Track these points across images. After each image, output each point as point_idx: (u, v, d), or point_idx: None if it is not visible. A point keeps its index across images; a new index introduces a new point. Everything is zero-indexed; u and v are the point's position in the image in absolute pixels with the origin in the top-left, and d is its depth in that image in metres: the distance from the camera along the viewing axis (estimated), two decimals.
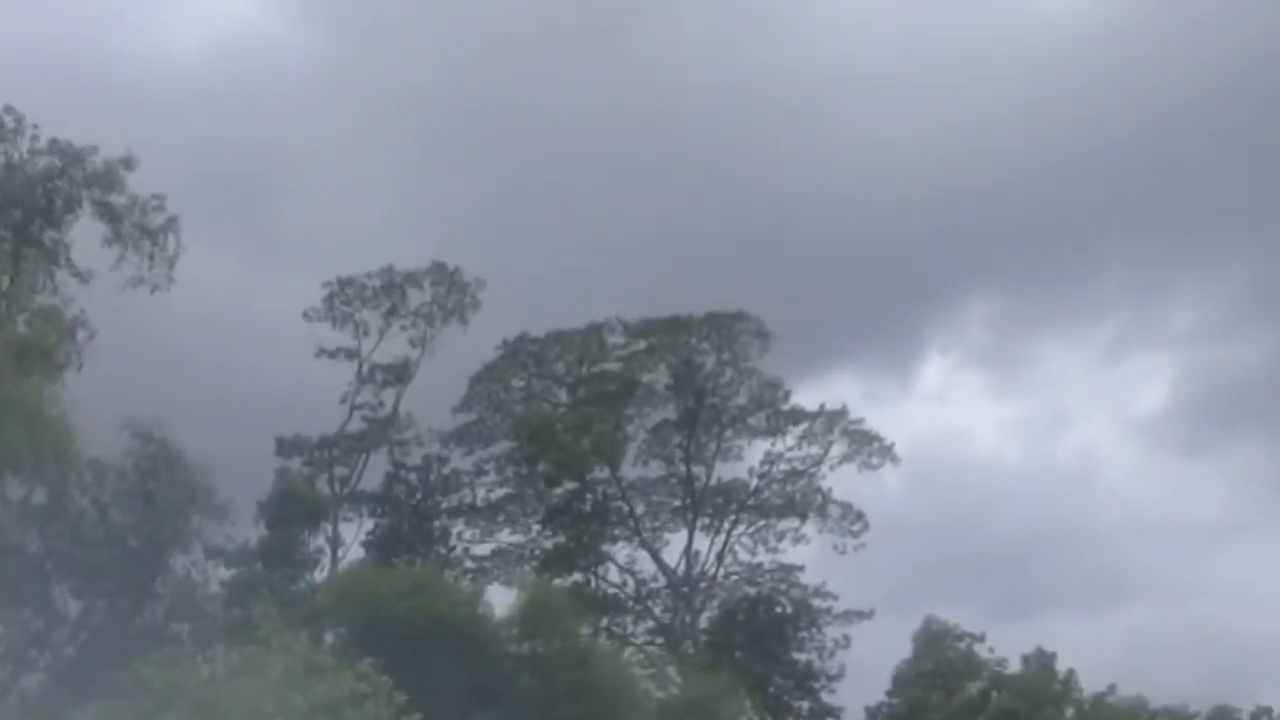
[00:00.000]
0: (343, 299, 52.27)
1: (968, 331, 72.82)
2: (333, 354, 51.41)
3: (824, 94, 72.00)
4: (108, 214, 40.80)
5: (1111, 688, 47.08)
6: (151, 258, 39.47)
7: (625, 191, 64.66)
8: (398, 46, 71.73)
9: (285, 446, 50.55)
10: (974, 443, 70.75)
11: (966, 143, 70.27)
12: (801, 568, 54.24)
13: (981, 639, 48.43)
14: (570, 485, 53.28)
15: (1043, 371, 74.16)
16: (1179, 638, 59.24)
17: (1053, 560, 65.39)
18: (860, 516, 54.22)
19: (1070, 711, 46.65)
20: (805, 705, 51.02)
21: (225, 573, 40.63)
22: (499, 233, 61.17)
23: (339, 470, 51.57)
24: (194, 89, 64.80)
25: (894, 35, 77.22)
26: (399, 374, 52.12)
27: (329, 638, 35.54)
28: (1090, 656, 47.78)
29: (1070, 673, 46.95)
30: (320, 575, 44.53)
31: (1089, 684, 47.21)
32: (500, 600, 41.27)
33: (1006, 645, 48.77)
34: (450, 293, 52.82)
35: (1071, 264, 72.29)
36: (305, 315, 51.55)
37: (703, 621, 53.77)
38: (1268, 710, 49.00)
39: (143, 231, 39.97)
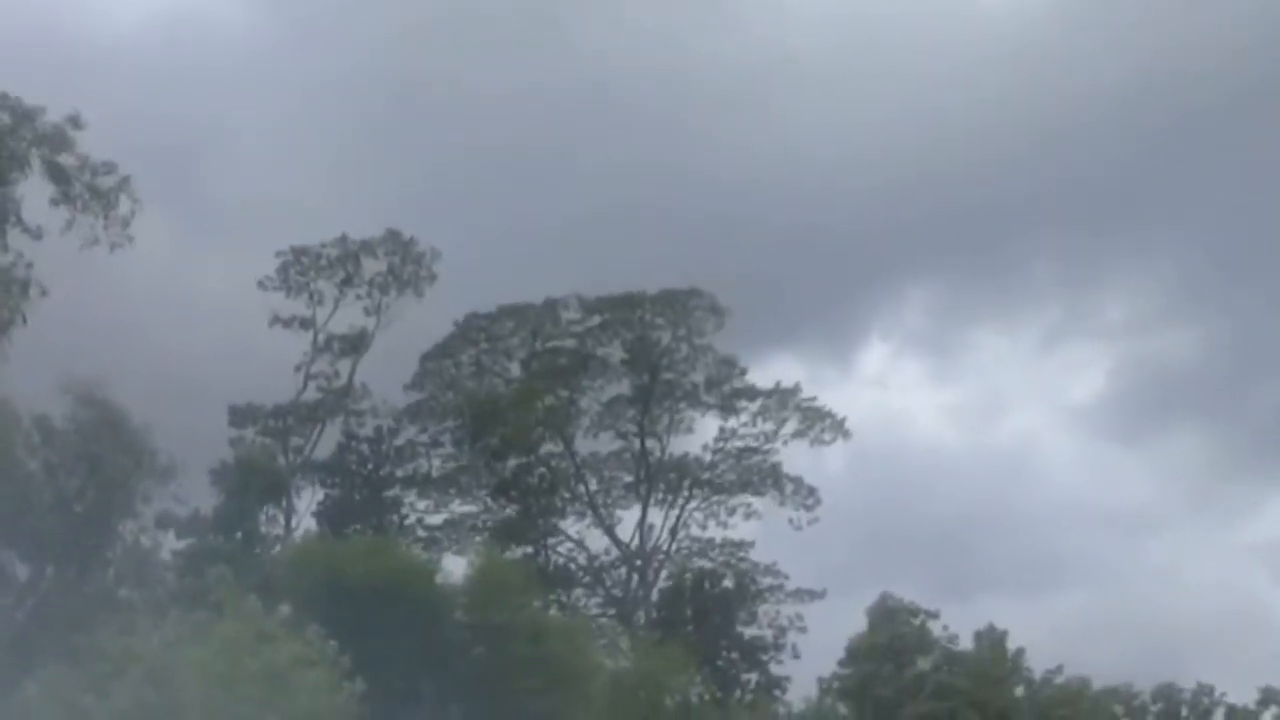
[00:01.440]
0: (298, 268, 51.93)
1: (908, 318, 74.24)
2: (287, 323, 51.11)
3: (770, 84, 73.42)
4: (58, 175, 40.21)
5: (1059, 668, 47.92)
6: (105, 216, 38.93)
7: (571, 173, 65.24)
8: (343, 21, 71.66)
9: (239, 415, 50.24)
10: (914, 427, 71.80)
11: (909, 135, 71.73)
12: (751, 544, 54.82)
13: (936, 616, 49.08)
14: (519, 460, 53.30)
15: (980, 359, 75.52)
16: (1111, 620, 60.46)
17: (990, 543, 66.88)
18: (813, 492, 54.79)
19: (1019, 690, 47.33)
20: (754, 678, 51.52)
21: (179, 542, 40.40)
22: (447, 209, 61.30)
23: (294, 440, 51.31)
24: (137, 60, 64.60)
25: (839, 28, 78.65)
26: (354, 344, 51.87)
27: (284, 606, 35.48)
28: (1025, 637, 48.75)
29: (1020, 652, 47.65)
30: (275, 545, 44.37)
31: (1031, 664, 48.15)
32: (453, 570, 41.43)
33: (946, 624, 49.48)
34: (405, 263, 52.59)
35: (1009, 255, 74.08)
36: (260, 284, 51.22)
37: (654, 595, 54.09)
38: (1209, 689, 50.11)
39: (94, 193, 39.41)
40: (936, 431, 72.49)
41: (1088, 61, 74.07)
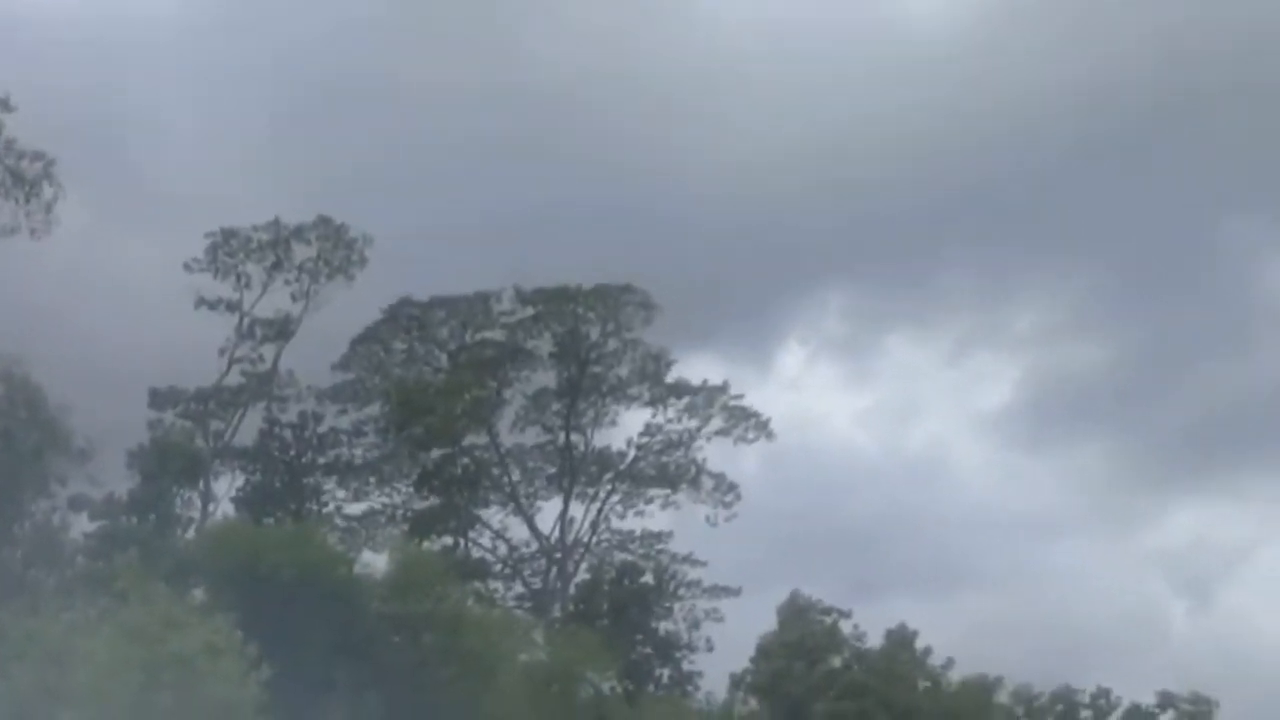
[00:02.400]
0: (226, 250, 51.58)
1: (826, 323, 75.69)
2: (213, 305, 50.76)
3: (702, 86, 74.39)
4: None
5: (949, 662, 48.58)
6: (27, 200, 38.47)
7: (505, 168, 65.68)
8: (280, 7, 71.43)
9: (159, 398, 49.83)
10: (829, 430, 73.10)
11: (832, 142, 73.19)
12: (670, 534, 55.21)
13: (848, 615, 49.76)
14: (443, 450, 53.33)
15: (894, 366, 77.02)
16: (1016, 622, 61.79)
17: (901, 545, 68.36)
18: (733, 488, 55.30)
19: (924, 685, 48.13)
20: (666, 673, 51.95)
21: (91, 525, 40.00)
22: (380, 199, 61.41)
23: (214, 424, 50.97)
24: (60, 37, 63.55)
25: (769, 33, 79.73)
26: (280, 329, 51.63)
27: (198, 592, 35.34)
28: (933, 637, 49.61)
29: (927, 650, 48.47)
30: (191, 530, 44.10)
31: (937, 663, 48.94)
32: (372, 561, 41.42)
33: (857, 624, 50.18)
34: (336, 248, 52.39)
35: (923, 264, 76.00)
36: (187, 266, 50.83)
37: (572, 588, 54.35)
38: (1106, 692, 51.26)
39: (15, 178, 38.92)
40: (851, 435, 74.57)
41: (1007, 76, 76.32)
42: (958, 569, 67.03)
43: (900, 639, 48.10)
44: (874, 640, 48.71)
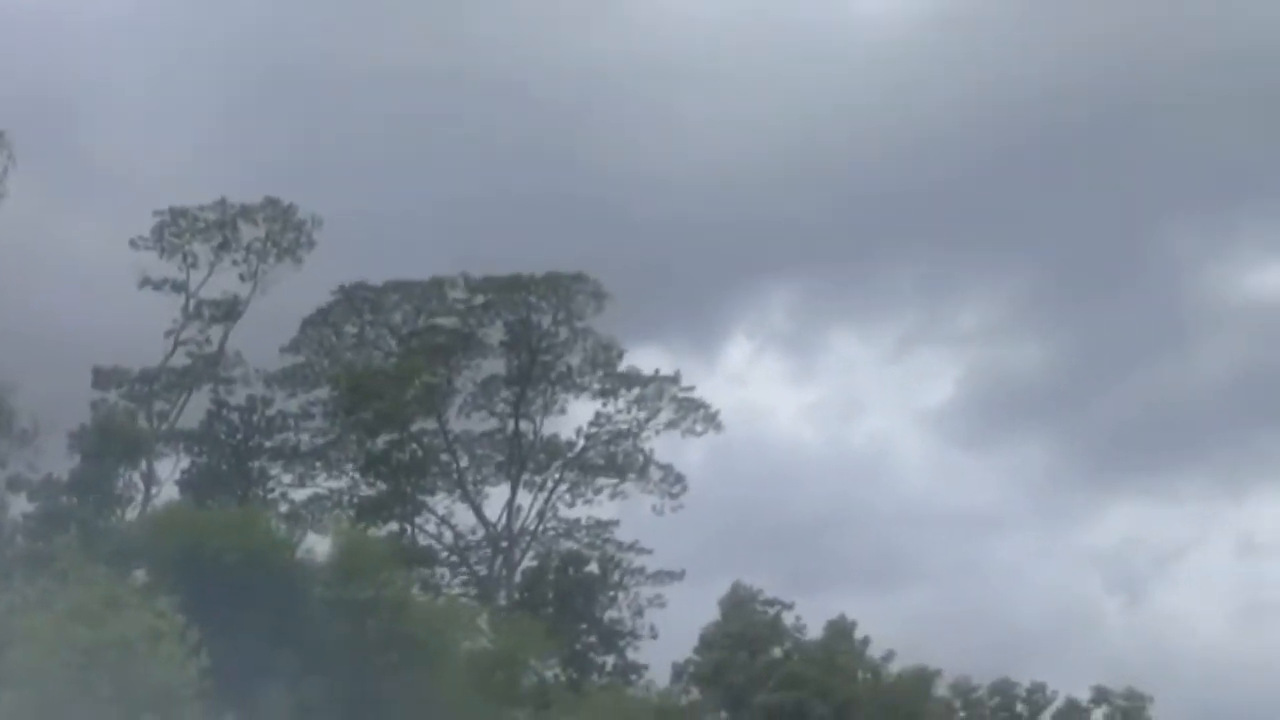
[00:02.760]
0: (174, 229, 51.11)
1: (772, 317, 75.98)
2: (158, 285, 50.29)
3: (655, 78, 74.70)
4: None
5: (890, 655, 49.03)
6: None
7: (451, 152, 65.51)
8: None
9: (103, 378, 49.32)
10: (773, 423, 73.50)
11: (781, 137, 73.94)
12: (616, 523, 55.32)
13: (790, 606, 50.10)
14: (391, 436, 53.14)
15: (839, 361, 77.72)
16: (955, 616, 62.34)
17: (842, 539, 69.14)
18: (681, 479, 55.49)
19: (863, 677, 48.57)
20: (610, 661, 52.11)
21: (30, 505, 39.51)
22: (331, 181, 61.13)
23: (159, 406, 50.51)
24: (9, 15, 62.67)
25: (721, 29, 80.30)
26: (228, 310, 51.29)
27: (139, 574, 34.99)
28: (873, 630, 50.05)
29: (865, 641, 48.90)
30: (133, 512, 43.71)
31: (876, 655, 49.44)
32: (318, 546, 41.16)
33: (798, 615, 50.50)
34: (285, 230, 52.06)
35: (868, 260, 77.20)
36: (132, 243, 50.32)
37: (518, 576, 54.34)
38: (1042, 686, 52.02)
39: None
40: (795, 429, 74.92)
41: (955, 75, 77.49)
42: (899, 563, 67.89)
43: (839, 630, 48.48)
44: (815, 632, 49.16)
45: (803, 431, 75.53)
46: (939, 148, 73.05)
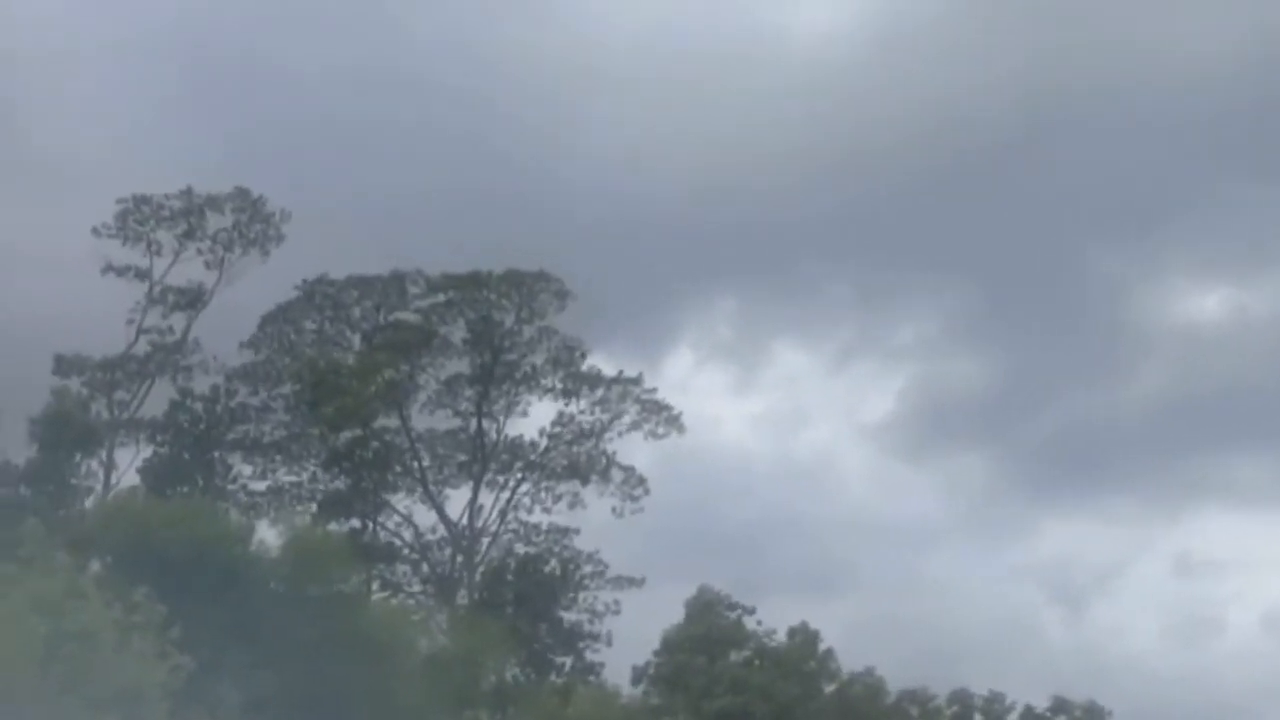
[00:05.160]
0: (137, 216, 50.63)
1: (715, 327, 76.39)
2: (121, 272, 49.80)
3: (591, 84, 75.61)
4: None
5: (869, 669, 49.23)
6: None
7: (391, 151, 65.60)
8: None
9: (64, 365, 48.75)
10: (716, 433, 73.58)
11: (720, 147, 74.13)
12: (577, 531, 54.99)
13: (752, 611, 49.94)
14: (353, 432, 52.74)
15: (780, 372, 77.91)
16: (895, 626, 63.03)
17: (783, 548, 69.70)
18: (642, 481, 55.24)
19: (829, 687, 48.56)
20: (568, 662, 51.83)
21: None
22: (295, 174, 60.99)
23: (120, 394, 49.99)
24: None
25: (662, 39, 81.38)
26: (191, 299, 50.83)
27: (95, 564, 34.53)
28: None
29: (828, 651, 48.86)
30: (91, 501, 43.18)
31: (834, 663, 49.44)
32: (275, 540, 40.73)
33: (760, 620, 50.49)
34: (253, 221, 51.68)
35: (810, 272, 77.61)
36: (95, 230, 49.77)
37: (478, 576, 53.97)
38: (1000, 696, 52.10)
39: None
40: (738, 439, 75.14)
41: (888, 94, 78.11)
42: (839, 573, 68.80)
43: (803, 636, 48.43)
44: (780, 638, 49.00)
45: (746, 441, 76.16)
46: (879, 163, 74.19)
